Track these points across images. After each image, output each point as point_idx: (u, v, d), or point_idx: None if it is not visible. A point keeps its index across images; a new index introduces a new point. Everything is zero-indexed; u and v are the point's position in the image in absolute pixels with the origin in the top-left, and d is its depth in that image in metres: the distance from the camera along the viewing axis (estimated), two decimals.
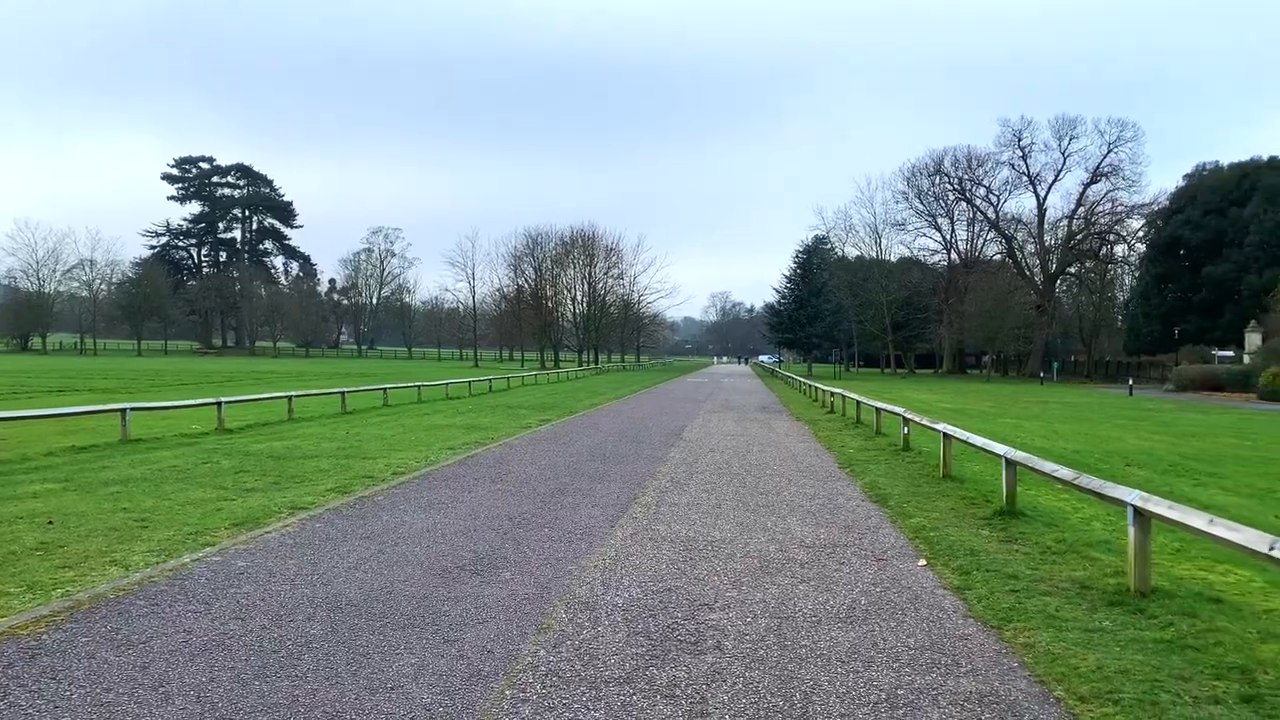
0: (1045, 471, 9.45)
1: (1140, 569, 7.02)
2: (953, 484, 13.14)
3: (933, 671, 5.49)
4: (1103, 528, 9.87)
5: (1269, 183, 67.92)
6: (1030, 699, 5.07)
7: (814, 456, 17.28)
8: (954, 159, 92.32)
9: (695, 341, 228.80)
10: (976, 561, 8.27)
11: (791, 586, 7.44)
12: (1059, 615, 6.58)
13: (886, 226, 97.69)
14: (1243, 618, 6.55)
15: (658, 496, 12.00)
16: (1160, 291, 76.25)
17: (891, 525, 10.24)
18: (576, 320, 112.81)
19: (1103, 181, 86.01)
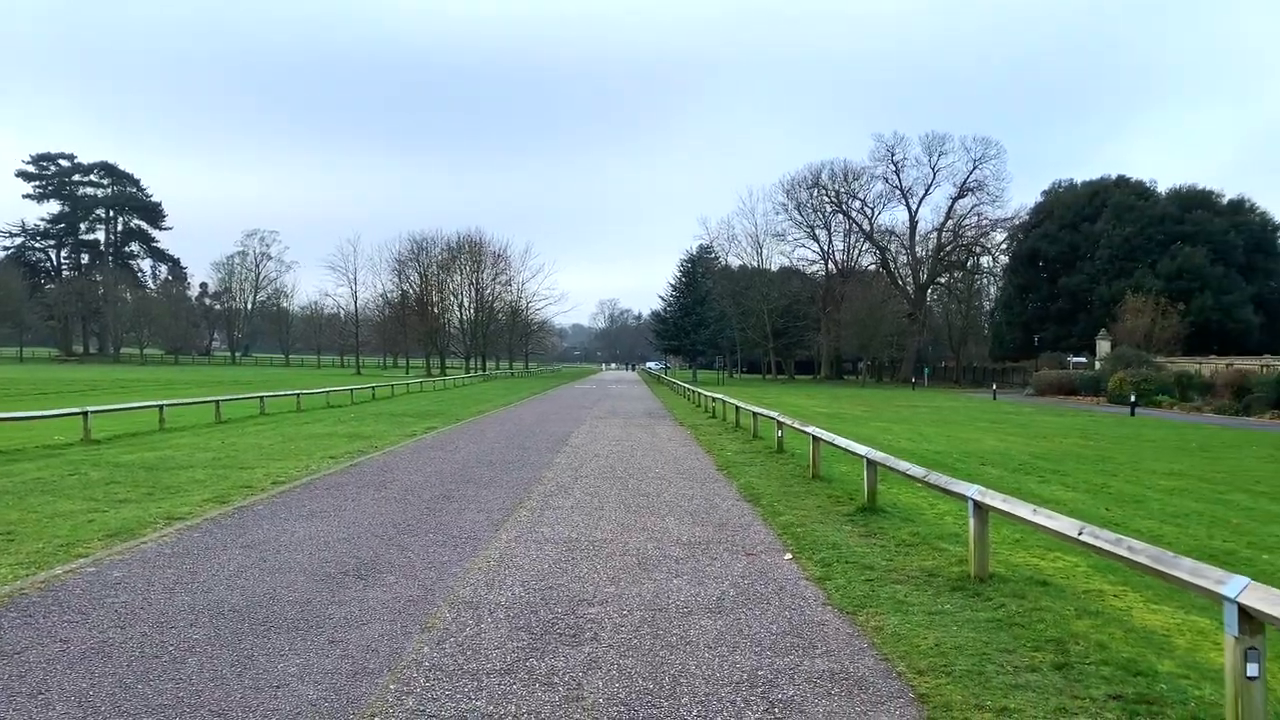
0: (900, 470, 10.20)
1: (979, 557, 7.74)
2: (821, 483, 13.90)
3: (791, 653, 5.99)
4: (954, 522, 10.68)
5: (1117, 200, 72.96)
6: (875, 674, 5.62)
7: (694, 460, 17.86)
8: (831, 172, 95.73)
9: (584, 348, 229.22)
10: (838, 554, 8.89)
11: (666, 581, 7.87)
12: (907, 600, 7.21)
13: (767, 237, 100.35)
14: (1064, 598, 7.31)
15: (542, 501, 12.29)
16: (1022, 301, 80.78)
17: (763, 523, 10.82)
18: (463, 326, 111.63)
19: (969, 196, 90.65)
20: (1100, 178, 79.42)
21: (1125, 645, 6.10)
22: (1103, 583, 7.87)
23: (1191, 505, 12.58)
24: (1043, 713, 4.93)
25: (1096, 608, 7.07)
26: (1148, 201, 73.04)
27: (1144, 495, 13.53)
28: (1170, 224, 69.17)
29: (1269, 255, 68.78)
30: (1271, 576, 8.05)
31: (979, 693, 5.24)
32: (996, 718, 4.89)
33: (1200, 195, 72.97)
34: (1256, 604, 4.32)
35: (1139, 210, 71.28)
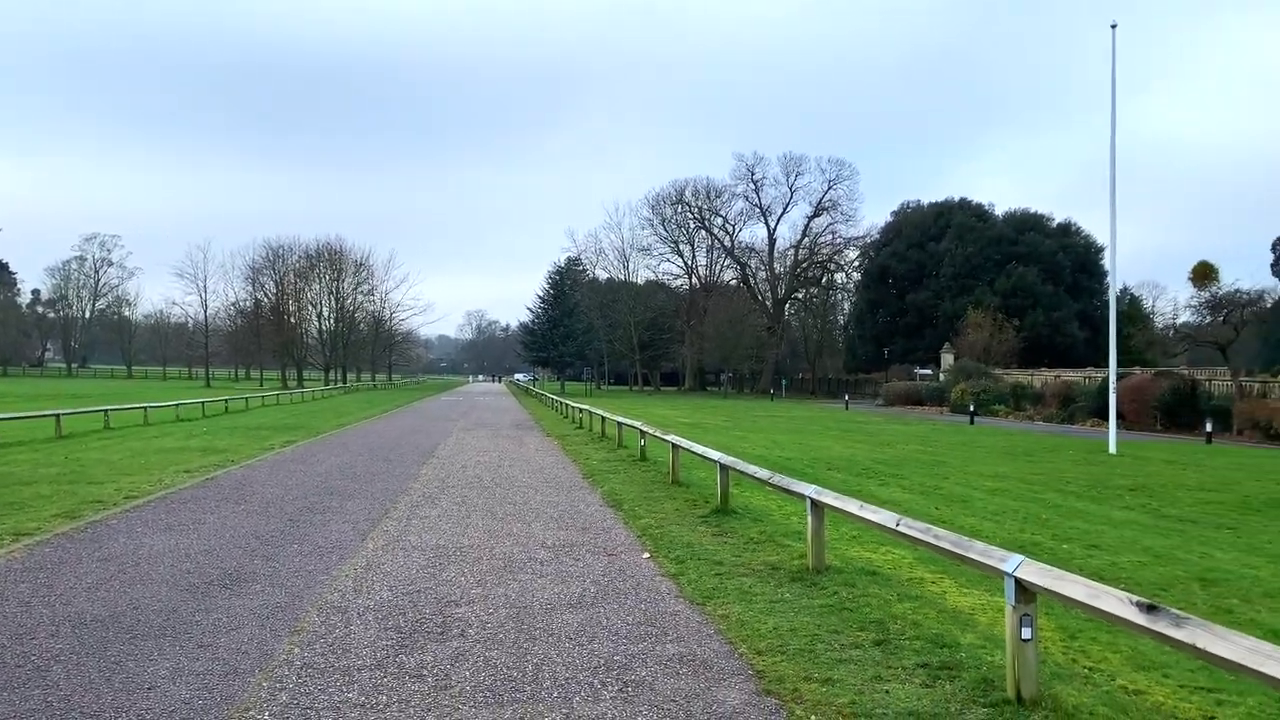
0: (749, 473, 10.96)
1: (816, 550, 8.51)
2: (680, 488, 14.60)
3: (645, 641, 6.52)
4: (798, 521, 11.48)
5: (959, 222, 77.78)
6: (719, 656, 6.22)
7: (561, 469, 18.30)
8: (695, 190, 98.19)
9: (451, 360, 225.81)
10: (691, 552, 9.53)
11: (531, 581, 8.29)
12: (751, 591, 7.88)
13: (634, 251, 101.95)
14: (890, 585, 8.14)
15: (409, 511, 12.47)
16: (873, 316, 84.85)
17: (624, 526, 11.37)
18: (322, 337, 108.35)
19: (824, 215, 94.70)
20: (945, 199, 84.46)
21: (936, 623, 6.92)
22: (924, 572, 8.77)
23: (1010, 504, 13.90)
24: (860, 681, 5.63)
25: (916, 593, 7.92)
26: (986, 223, 78.15)
27: (970, 496, 14.82)
28: (1006, 245, 74.22)
29: (1092, 275, 74.61)
30: (1067, 562, 9.17)
31: (808, 667, 5.90)
32: (822, 686, 5.55)
33: (1033, 218, 78.64)
34: (1029, 577, 5.12)
35: (979, 231, 76.17)
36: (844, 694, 5.40)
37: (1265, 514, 13.00)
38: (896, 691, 5.44)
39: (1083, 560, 9.48)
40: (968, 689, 5.45)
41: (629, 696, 5.40)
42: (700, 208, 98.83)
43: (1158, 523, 12.21)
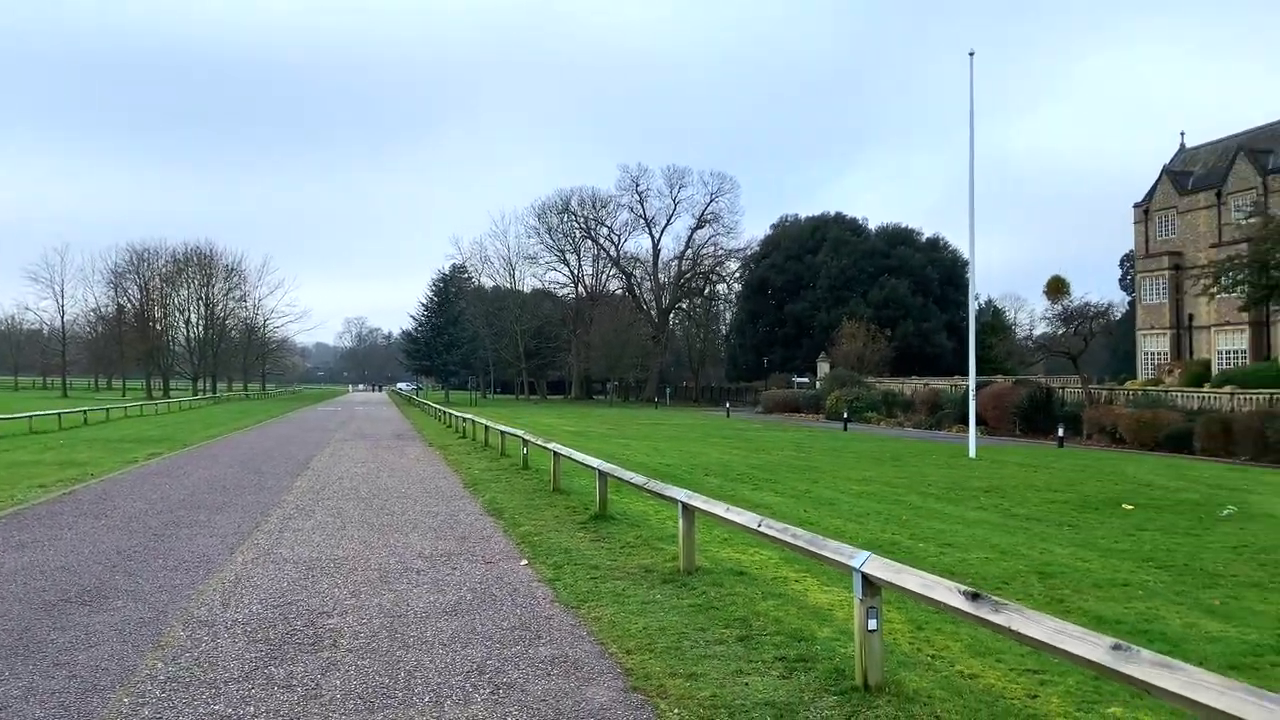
0: (626, 479, 11.23)
1: (687, 552, 8.82)
2: (561, 496, 14.76)
3: (519, 644, 6.67)
4: (674, 525, 11.77)
5: (834, 235, 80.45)
6: (591, 656, 6.42)
7: (442, 479, 18.18)
8: (580, 199, 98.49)
9: (329, 369, 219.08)
10: (569, 558, 9.71)
11: (407, 591, 8.31)
12: (624, 594, 8.12)
13: (520, 259, 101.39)
14: (756, 584, 8.52)
15: (281, 523, 12.23)
16: (753, 326, 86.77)
17: (503, 534, 11.46)
18: (191, 345, 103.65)
19: (707, 227, 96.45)
20: (822, 214, 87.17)
21: (797, 619, 7.31)
22: (789, 571, 9.19)
23: (875, 506, 14.61)
24: (723, 675, 5.93)
25: (780, 591, 8.31)
26: (860, 237, 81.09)
27: (838, 498, 15.49)
28: (879, 258, 77.16)
29: (959, 288, 78.28)
30: (921, 559, 9.75)
31: (675, 663, 6.17)
32: (687, 681, 5.82)
33: (904, 233, 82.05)
34: (874, 572, 5.52)
35: (853, 245, 78.95)
36: (707, 688, 5.68)
37: (1101, 512, 14.07)
38: (756, 683, 5.75)
39: (936, 558, 10.10)
40: (821, 679, 5.81)
41: (500, 698, 5.54)
42: (586, 217, 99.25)
43: (1006, 521, 13.07)
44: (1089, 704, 5.44)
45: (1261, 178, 46.49)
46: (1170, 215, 52.97)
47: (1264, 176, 46.40)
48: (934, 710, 5.24)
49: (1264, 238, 28.53)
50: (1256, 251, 28.34)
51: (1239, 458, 27.13)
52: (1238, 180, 48.12)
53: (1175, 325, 51.11)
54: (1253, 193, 46.23)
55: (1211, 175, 50.82)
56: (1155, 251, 53.46)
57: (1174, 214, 52.62)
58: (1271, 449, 26.46)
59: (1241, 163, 48.03)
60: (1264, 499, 15.88)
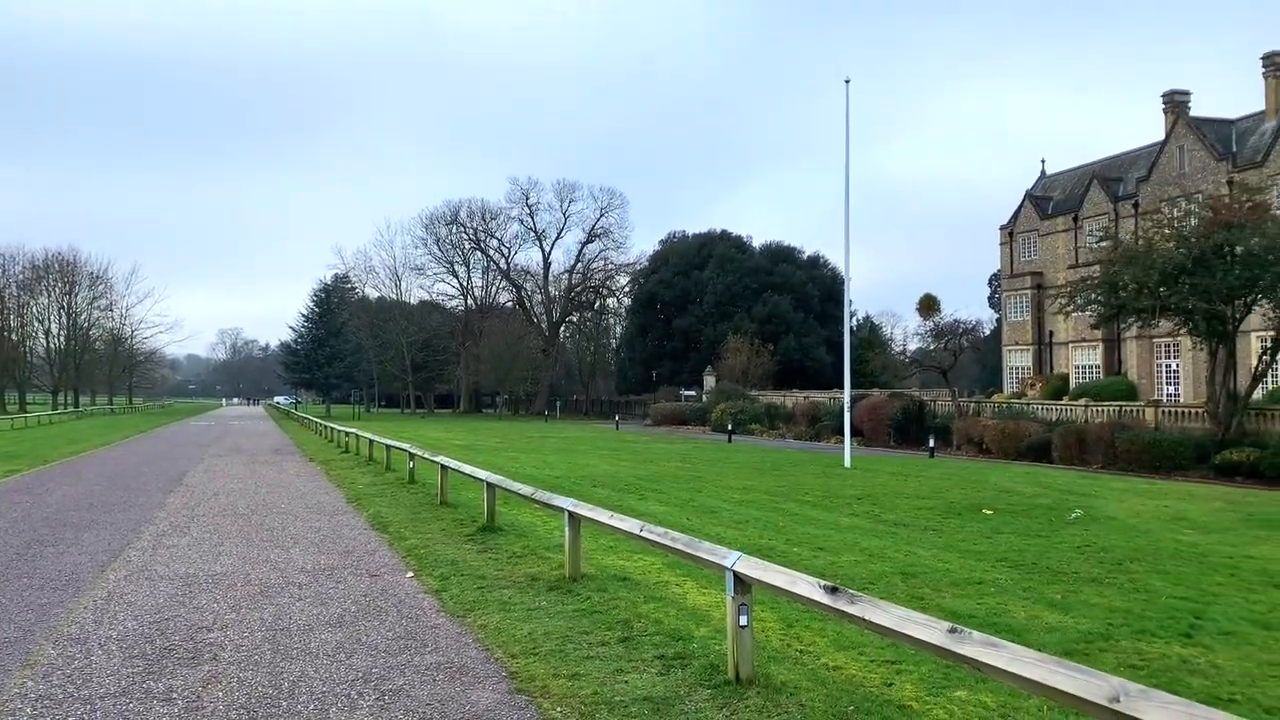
0: (514, 490, 11.40)
1: (573, 560, 9.07)
2: (448, 509, 14.77)
3: (405, 653, 6.78)
4: (561, 535, 12.01)
5: (720, 252, 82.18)
6: (476, 661, 6.59)
7: (324, 494, 17.89)
8: (470, 210, 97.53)
9: (201, 382, 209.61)
10: (456, 569, 9.81)
11: (289, 605, 8.28)
12: (511, 602, 8.30)
13: (406, 270, 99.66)
14: (639, 589, 8.82)
15: (155, 540, 11.89)
16: (643, 339, 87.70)
17: (389, 548, 11.45)
18: (51, 357, 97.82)
19: (597, 242, 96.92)
20: (708, 231, 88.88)
21: (676, 620, 7.64)
22: (671, 575, 9.54)
23: (754, 513, 15.14)
24: (604, 674, 6.19)
25: (662, 594, 8.64)
26: (745, 254, 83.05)
27: (720, 507, 15.99)
28: (763, 275, 79.20)
29: (838, 305, 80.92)
30: (795, 562, 10.22)
31: (558, 665, 6.40)
32: (569, 681, 6.05)
33: (786, 250, 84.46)
34: (745, 571, 5.89)
35: (738, 261, 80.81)
36: (588, 686, 5.94)
37: (964, 517, 14.97)
38: (635, 681, 6.04)
39: (809, 561, 10.62)
40: (696, 674, 6.14)
41: (386, 704, 5.66)
42: (476, 229, 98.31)
43: (876, 527, 13.78)
44: (938, 689, 5.93)
45: (1113, 204, 49.93)
46: (1032, 238, 56.30)
47: (1115, 203, 49.85)
48: (799, 700, 5.63)
49: (1112, 260, 30.60)
50: (1107, 273, 30.35)
51: (1092, 466, 29.05)
52: (1092, 206, 51.56)
53: (1037, 341, 54.25)
54: (1105, 218, 49.58)
55: (1069, 201, 54.26)
56: (1019, 272, 56.68)
57: (1035, 236, 55.95)
58: (1120, 457, 28.42)
59: (1095, 190, 51.48)
60: (1108, 503, 17.16)
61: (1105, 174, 52.08)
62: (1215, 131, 45.55)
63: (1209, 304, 26.58)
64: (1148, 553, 11.60)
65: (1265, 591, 9.30)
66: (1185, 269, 26.76)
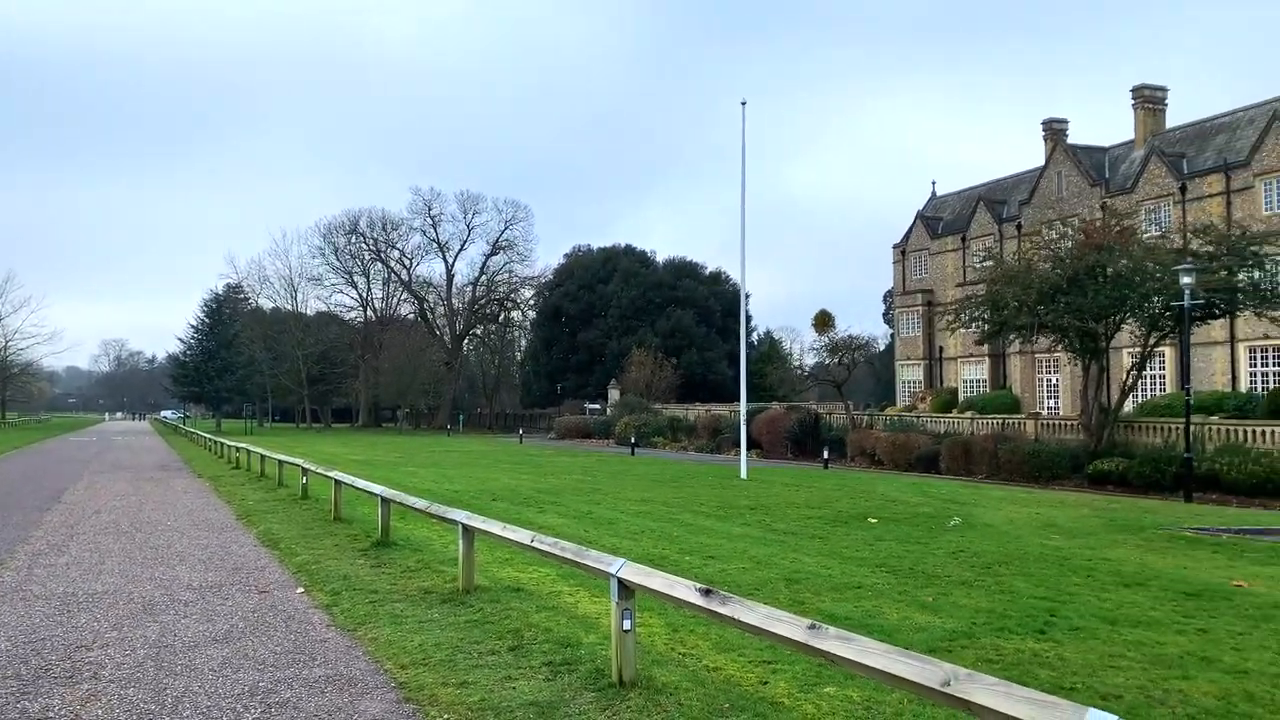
0: (409, 505, 11.42)
1: (467, 572, 9.18)
2: (342, 525, 14.63)
3: (293, 667, 6.80)
4: (456, 548, 12.10)
5: (625, 266, 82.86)
6: (366, 673, 6.66)
7: (212, 511, 17.46)
8: (370, 220, 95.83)
9: (83, 395, 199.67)
10: (348, 584, 9.79)
11: (174, 622, 8.16)
12: (403, 615, 8.36)
13: (303, 280, 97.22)
14: (531, 599, 8.99)
15: (30, 560, 11.48)
16: (547, 353, 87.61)
17: (279, 564, 11.32)
18: None
19: (501, 254, 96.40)
20: (613, 245, 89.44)
21: (566, 628, 7.84)
22: (564, 586, 9.73)
23: (650, 524, 15.45)
24: (492, 681, 6.35)
25: (554, 604, 8.83)
26: (649, 269, 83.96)
27: (617, 518, 16.24)
28: (666, 289, 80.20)
29: (739, 319, 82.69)
30: (686, 570, 10.54)
31: (447, 674, 6.53)
32: (457, 689, 6.19)
33: (689, 266, 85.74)
34: (629, 577, 6.14)
35: (643, 276, 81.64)
36: (476, 693, 6.09)
37: (849, 525, 15.58)
38: (522, 687, 6.22)
39: (699, 568, 10.96)
40: (582, 679, 6.36)
41: (272, 716, 5.71)
42: (376, 239, 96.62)
43: (766, 536, 14.24)
44: (809, 686, 6.28)
45: (997, 225, 52.41)
46: (923, 256, 58.60)
47: (999, 224, 52.34)
48: (678, 699, 5.90)
49: (995, 280, 32.18)
50: (990, 292, 31.90)
51: (976, 476, 30.40)
52: (978, 227, 54.00)
53: (928, 356, 56.40)
54: (990, 238, 52.01)
55: (957, 221, 56.69)
56: (911, 289, 58.89)
57: (926, 255, 58.25)
58: (1003, 468, 29.85)
59: (982, 211, 53.94)
60: (986, 511, 18.08)
61: (991, 196, 54.64)
62: (1090, 159, 48.36)
63: (1082, 322, 28.18)
64: (1016, 557, 12.33)
65: (1115, 590, 10.04)
66: (1061, 289, 28.34)
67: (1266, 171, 38.27)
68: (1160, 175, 42.73)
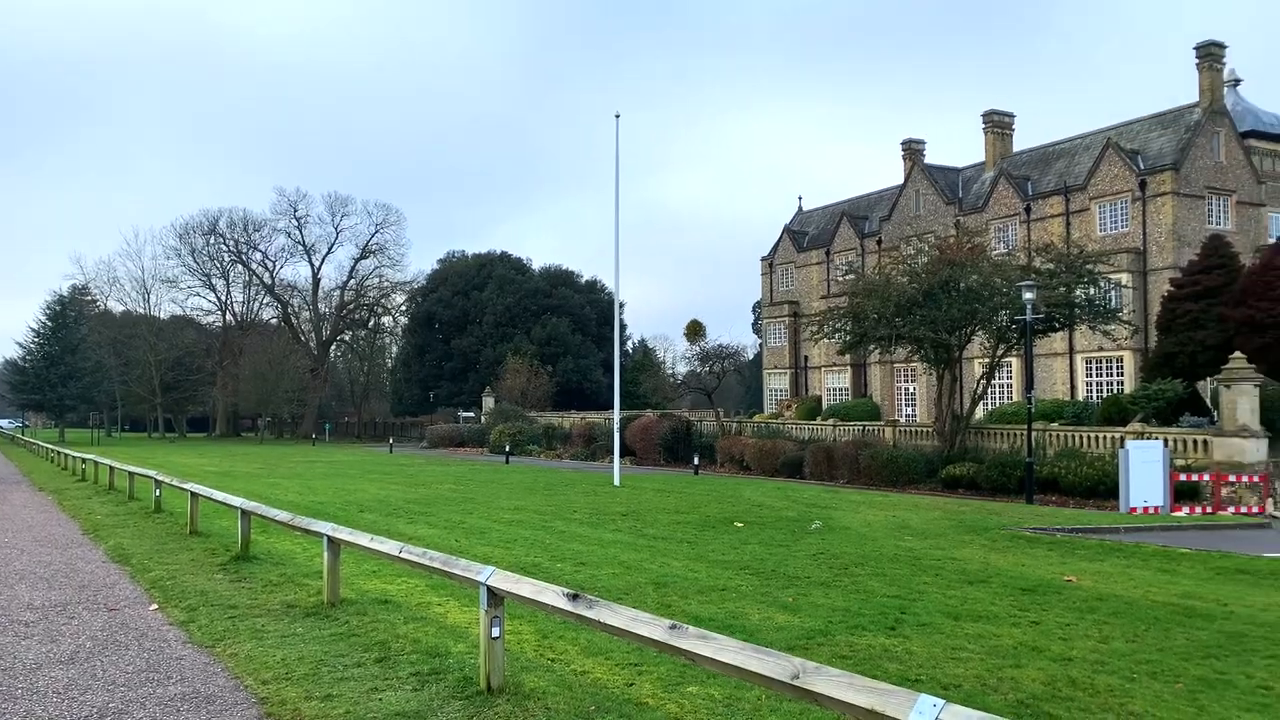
0: (271, 517, 11.11)
1: (332, 585, 9.03)
2: (199, 539, 14.07)
3: (147, 686, 6.56)
4: (321, 561, 11.84)
5: (500, 273, 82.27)
6: (225, 690, 6.50)
7: (56, 526, 16.48)
8: (231, 221, 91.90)
9: None
10: (205, 600, 9.46)
11: (13, 644, 7.73)
12: (264, 629, 8.16)
13: (157, 282, 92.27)
14: (399, 610, 8.92)
15: None
16: (420, 360, 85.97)
17: (131, 580, 10.82)
18: None
19: (371, 258, 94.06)
20: (488, 251, 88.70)
21: (435, 638, 7.83)
22: (434, 596, 9.68)
23: (523, 533, 15.47)
24: (358, 693, 6.30)
25: (423, 615, 8.79)
26: (525, 276, 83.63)
27: (490, 528, 16.19)
28: (542, 297, 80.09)
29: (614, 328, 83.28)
30: (558, 577, 10.64)
31: (311, 688, 6.43)
32: (322, 703, 6.12)
33: (565, 274, 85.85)
34: (499, 584, 6.22)
35: (518, 283, 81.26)
36: (342, 705, 6.04)
37: (717, 530, 16.02)
38: (389, 697, 6.20)
39: (571, 575, 11.08)
40: (450, 688, 6.39)
41: None
42: (237, 240, 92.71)
43: (637, 541, 14.49)
44: (674, 686, 6.50)
45: (859, 240, 54.66)
46: (790, 269, 60.52)
47: (861, 239, 54.60)
48: (546, 704, 6.02)
49: (856, 293, 33.63)
50: (852, 304, 33.31)
51: (838, 481, 31.63)
52: (842, 241, 56.18)
53: (794, 365, 58.22)
54: (853, 253, 54.23)
55: (822, 236, 58.81)
56: (778, 300, 60.71)
57: (792, 268, 60.19)
58: (863, 473, 31.14)
59: (845, 227, 56.14)
60: (845, 514, 18.88)
61: (854, 212, 56.96)
62: (945, 178, 51.09)
63: (936, 334, 29.74)
64: (872, 558, 12.96)
65: (960, 588, 10.72)
66: (917, 302, 29.85)
67: (1101, 195, 41.35)
68: (1008, 196, 45.54)
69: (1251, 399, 24.34)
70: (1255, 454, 23.92)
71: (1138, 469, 22.17)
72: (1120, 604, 9.85)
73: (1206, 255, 31.55)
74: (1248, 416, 24.19)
